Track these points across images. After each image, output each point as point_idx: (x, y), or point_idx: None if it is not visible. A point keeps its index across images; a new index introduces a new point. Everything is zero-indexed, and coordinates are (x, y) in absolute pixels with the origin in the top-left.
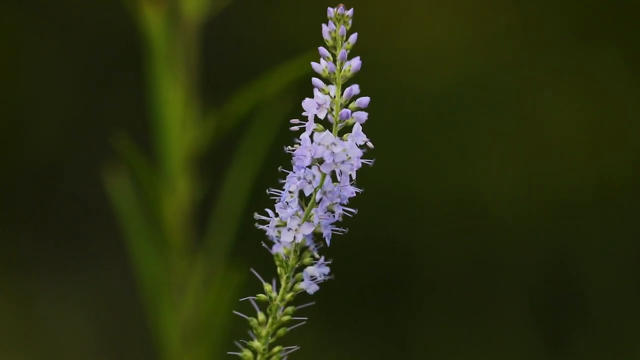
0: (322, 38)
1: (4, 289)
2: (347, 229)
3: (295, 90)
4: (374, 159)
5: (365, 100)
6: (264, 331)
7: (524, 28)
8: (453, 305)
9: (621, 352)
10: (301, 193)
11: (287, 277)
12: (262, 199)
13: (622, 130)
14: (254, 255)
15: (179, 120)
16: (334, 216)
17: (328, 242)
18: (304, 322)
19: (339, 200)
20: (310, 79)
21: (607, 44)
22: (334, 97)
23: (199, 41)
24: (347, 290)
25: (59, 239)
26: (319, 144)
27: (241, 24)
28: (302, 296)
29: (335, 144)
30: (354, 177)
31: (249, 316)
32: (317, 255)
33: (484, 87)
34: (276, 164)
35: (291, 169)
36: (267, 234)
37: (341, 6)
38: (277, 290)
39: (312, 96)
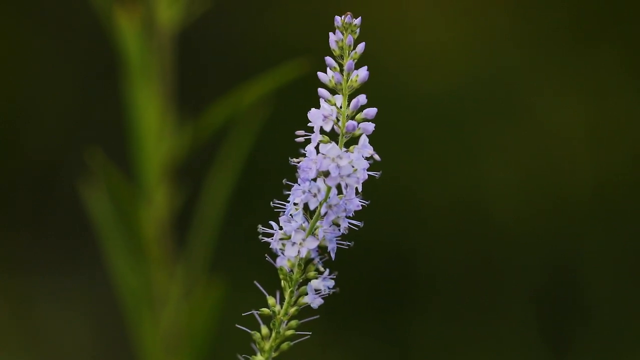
0: (297, 46)
1: (3, 289)
2: (353, 242)
3: (272, 99)
4: (381, 172)
5: (372, 111)
6: (267, 345)
7: (525, 29)
8: (456, 307)
9: (623, 354)
10: (306, 206)
11: (291, 291)
12: (240, 209)
13: (623, 130)
14: (234, 265)
15: (155, 131)
16: (339, 229)
17: (333, 255)
18: (308, 337)
19: (344, 213)
20: (286, 89)
21: (607, 45)
22: (340, 107)
23: (174, 50)
24: (350, 291)
25: (58, 239)
26: (325, 157)
27: (218, 32)
28: (306, 310)
29: (341, 157)
30: (360, 189)
31: (253, 329)
32: (321, 269)
33: (485, 89)
34: (254, 174)
35: (295, 181)
36: (271, 246)
37: (349, 14)
38: (281, 304)
39: (286, 108)
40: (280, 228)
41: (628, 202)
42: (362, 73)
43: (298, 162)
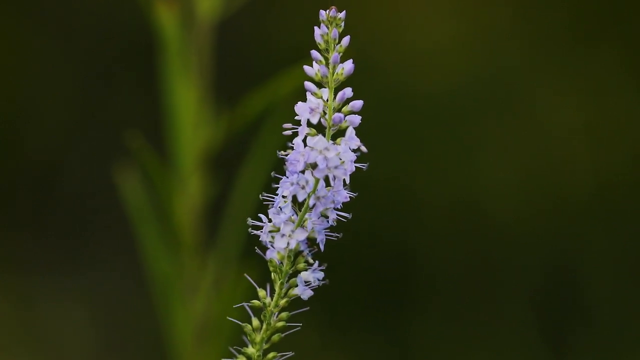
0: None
1: (4, 289)
2: (342, 233)
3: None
4: (368, 163)
5: (358, 103)
6: (258, 337)
7: (525, 29)
8: (455, 306)
9: (623, 354)
10: (294, 198)
11: (281, 283)
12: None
13: (622, 130)
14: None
15: (191, 120)
16: (327, 221)
17: (322, 247)
18: (299, 328)
19: (332, 205)
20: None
21: (607, 45)
22: (327, 100)
23: (212, 41)
24: (350, 291)
25: (58, 239)
26: (312, 149)
27: (255, 24)
28: (297, 301)
29: (328, 149)
30: (347, 181)
31: (245, 322)
32: (311, 261)
33: (485, 89)
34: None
35: (284, 174)
36: (260, 239)
37: (333, 8)
38: (272, 296)
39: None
40: (270, 220)
41: (628, 202)
42: (348, 66)
43: (286, 155)
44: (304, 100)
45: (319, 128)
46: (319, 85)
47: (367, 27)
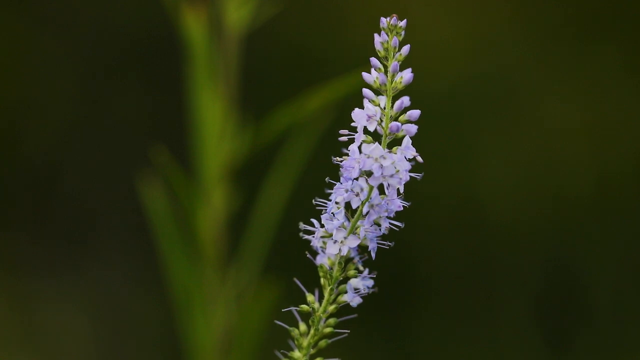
0: (366, 56)
1: (3, 289)
2: (394, 242)
3: (334, 109)
4: (423, 173)
5: (415, 113)
6: (305, 342)
7: (525, 28)
8: (455, 306)
9: (623, 354)
10: (347, 205)
11: (331, 289)
12: (296, 214)
13: (622, 129)
14: (287, 269)
15: (216, 132)
16: (380, 229)
17: (373, 255)
18: (346, 334)
19: (386, 213)
20: (349, 99)
21: (607, 44)
22: (384, 108)
23: (240, 53)
24: None
25: (58, 241)
26: (368, 156)
27: (283, 38)
28: (343, 308)
29: (384, 157)
30: (402, 190)
31: (290, 326)
32: (361, 268)
33: (484, 87)
34: (312, 181)
35: (338, 180)
36: (311, 244)
37: (394, 17)
38: (320, 302)
39: (348, 116)
40: (322, 226)
41: (628, 202)
42: (407, 75)
43: (341, 161)
44: (332, 117)
45: (375, 136)
46: (377, 92)
47: (367, 27)
